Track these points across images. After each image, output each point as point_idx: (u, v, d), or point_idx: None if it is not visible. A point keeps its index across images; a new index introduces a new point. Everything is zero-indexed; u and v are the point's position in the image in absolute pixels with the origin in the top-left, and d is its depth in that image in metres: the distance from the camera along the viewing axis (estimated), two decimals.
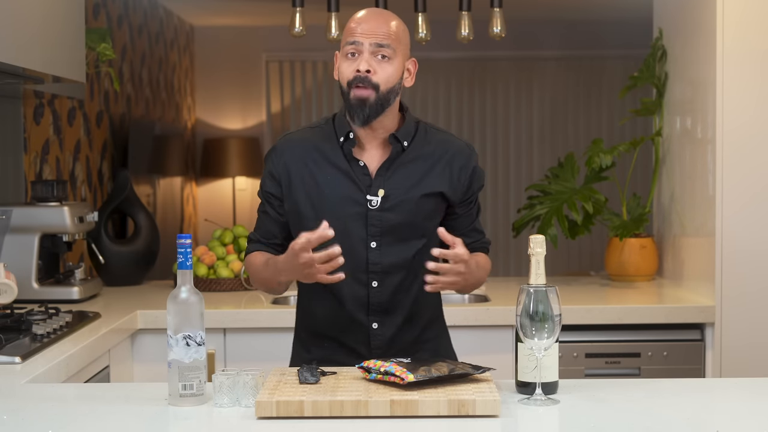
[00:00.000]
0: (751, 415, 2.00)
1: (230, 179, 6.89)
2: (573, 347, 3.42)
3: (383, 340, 2.42)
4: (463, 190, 2.46)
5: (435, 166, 2.43)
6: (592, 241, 6.34)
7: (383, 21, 2.37)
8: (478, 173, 2.49)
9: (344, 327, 2.43)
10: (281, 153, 2.45)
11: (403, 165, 2.41)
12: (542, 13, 6.54)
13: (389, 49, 2.34)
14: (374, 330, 2.42)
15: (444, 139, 2.47)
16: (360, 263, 2.38)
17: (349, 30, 2.38)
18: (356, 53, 2.35)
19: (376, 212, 2.38)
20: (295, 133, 2.50)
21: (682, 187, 3.82)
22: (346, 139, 2.40)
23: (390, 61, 2.35)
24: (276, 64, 7.06)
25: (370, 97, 2.33)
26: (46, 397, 2.17)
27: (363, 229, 2.38)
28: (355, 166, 2.40)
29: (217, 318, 3.36)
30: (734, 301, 3.42)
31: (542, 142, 7.17)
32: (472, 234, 2.51)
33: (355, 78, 2.33)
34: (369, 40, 2.34)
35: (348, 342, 2.42)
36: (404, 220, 2.39)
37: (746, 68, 3.41)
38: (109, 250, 3.93)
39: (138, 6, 5.36)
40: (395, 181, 2.39)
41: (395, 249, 2.38)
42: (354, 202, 2.38)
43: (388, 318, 2.42)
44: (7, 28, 2.69)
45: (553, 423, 1.98)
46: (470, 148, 2.50)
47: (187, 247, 2.03)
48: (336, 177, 2.40)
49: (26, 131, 3.67)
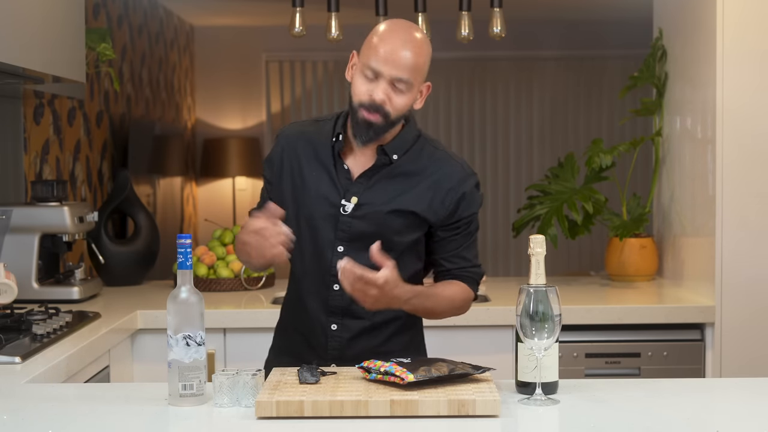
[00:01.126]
0: (751, 415, 2.00)
1: (230, 179, 6.89)
2: (573, 347, 3.42)
3: (341, 342, 2.43)
4: (446, 214, 2.41)
5: (419, 185, 2.40)
6: (592, 241, 6.33)
7: (408, 48, 2.30)
8: (469, 198, 2.42)
9: (306, 323, 2.46)
10: (282, 139, 2.49)
11: (387, 178, 2.40)
12: (542, 13, 6.54)
13: (407, 83, 2.32)
14: (332, 331, 2.44)
15: (440, 158, 2.43)
16: (325, 265, 2.40)
17: (372, 48, 2.32)
18: (374, 77, 2.32)
19: (346, 218, 2.39)
20: (301, 124, 2.53)
21: (682, 187, 3.82)
22: (337, 139, 2.40)
23: (406, 93, 2.33)
24: (276, 64, 7.06)
25: (377, 122, 2.32)
26: (46, 397, 2.17)
27: (332, 231, 2.39)
28: (340, 167, 2.40)
29: (217, 318, 3.36)
30: (734, 301, 3.42)
31: (542, 142, 7.17)
32: (454, 260, 2.45)
33: (369, 102, 2.31)
34: (390, 72, 2.30)
35: (309, 338, 2.46)
36: (372, 230, 2.37)
37: (746, 68, 3.41)
38: (109, 250, 3.93)
39: (138, 6, 5.36)
40: (373, 192, 2.39)
41: (361, 257, 2.33)
42: (329, 204, 2.40)
43: (346, 321, 2.43)
44: (7, 28, 2.69)
45: (553, 423, 1.98)
46: (467, 173, 2.44)
47: (187, 247, 2.04)
48: (319, 174, 2.41)
49: (26, 131, 3.67)
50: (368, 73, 2.32)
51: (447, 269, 2.46)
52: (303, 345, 2.47)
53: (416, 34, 2.34)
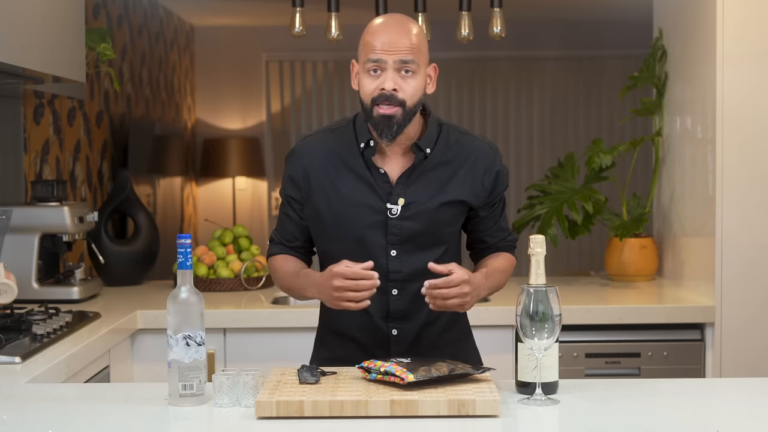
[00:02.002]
0: (751, 415, 2.00)
1: (230, 179, 6.89)
2: (573, 347, 3.42)
3: (403, 346, 2.41)
4: (487, 194, 2.43)
5: (457, 173, 2.39)
6: (592, 241, 6.33)
7: (403, 33, 2.30)
8: (502, 174, 2.45)
9: (365, 331, 2.42)
10: (301, 157, 2.42)
11: (425, 173, 2.38)
12: (542, 13, 6.54)
13: (413, 63, 2.29)
14: (394, 336, 2.41)
15: (467, 143, 2.43)
16: (380, 271, 2.32)
17: (367, 45, 2.31)
18: (379, 69, 2.29)
19: (396, 221, 2.36)
20: (315, 136, 2.47)
21: (682, 187, 3.82)
22: (366, 146, 2.37)
23: (414, 75, 2.31)
24: (276, 64, 7.06)
25: (396, 114, 2.29)
26: (46, 397, 2.17)
27: (382, 237, 2.36)
28: (376, 173, 2.37)
29: (217, 318, 3.36)
30: (734, 301, 3.43)
31: (542, 142, 7.17)
32: (497, 233, 2.48)
33: (381, 96, 2.29)
34: (392, 57, 2.28)
35: (368, 345, 2.41)
36: (424, 228, 2.37)
37: (746, 68, 3.41)
38: (109, 250, 3.93)
39: (138, 6, 5.36)
40: (416, 190, 2.37)
41: (415, 257, 2.35)
42: (373, 210, 2.36)
43: (407, 324, 2.41)
44: (7, 28, 2.69)
45: (553, 423, 1.98)
46: (493, 150, 2.45)
47: (187, 247, 2.04)
48: (356, 184, 2.37)
49: (26, 131, 3.67)
50: (372, 68, 2.30)
51: (489, 245, 2.46)
52: (359, 352, 2.40)
53: (408, 20, 2.35)
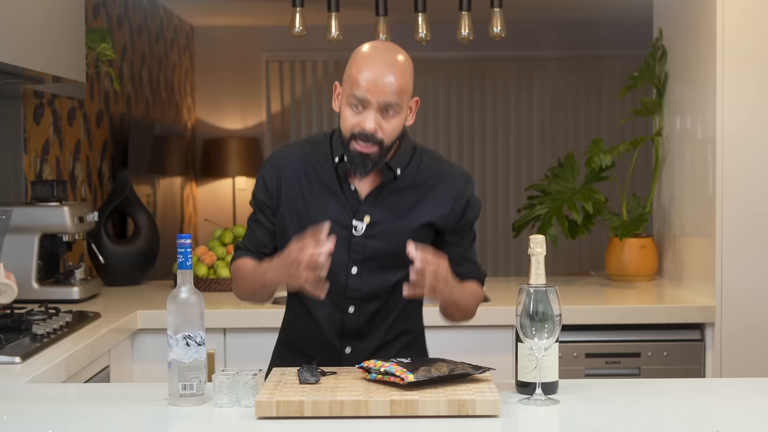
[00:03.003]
0: (751, 415, 2.00)
1: (230, 179, 6.89)
2: (573, 347, 3.42)
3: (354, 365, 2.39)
4: (456, 220, 2.42)
5: (426, 196, 2.39)
6: (592, 241, 6.34)
7: (390, 70, 2.26)
8: (473, 203, 2.44)
9: (318, 347, 2.42)
10: (276, 165, 2.42)
11: (393, 193, 2.38)
12: (542, 13, 6.54)
13: (397, 106, 2.28)
14: (347, 354, 2.41)
15: (439, 168, 2.43)
16: (338, 287, 2.34)
17: (353, 79, 2.27)
18: (361, 107, 2.27)
19: (359, 239, 2.36)
20: (293, 146, 2.47)
21: (682, 187, 3.82)
22: (341, 161, 2.36)
23: (396, 115, 2.29)
24: (276, 64, 7.06)
25: (373, 153, 2.29)
26: (46, 397, 2.17)
27: (345, 253, 2.36)
28: (347, 189, 2.37)
29: (217, 318, 3.36)
30: (734, 301, 3.42)
31: (542, 142, 7.17)
32: (464, 263, 2.45)
33: (360, 134, 2.27)
34: (376, 99, 2.25)
35: (321, 361, 2.37)
36: (387, 248, 2.36)
37: (746, 68, 3.41)
38: (109, 250, 3.93)
39: (138, 6, 5.36)
40: (383, 209, 2.37)
41: (375, 276, 2.34)
42: (339, 226, 2.35)
43: (361, 343, 2.41)
44: (7, 28, 2.69)
45: (553, 423, 1.98)
46: (466, 177, 2.45)
47: (187, 247, 2.04)
48: (325, 198, 2.37)
49: (26, 131, 3.67)
50: (355, 103, 2.27)
51: (457, 273, 2.43)
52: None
53: (396, 56, 2.30)
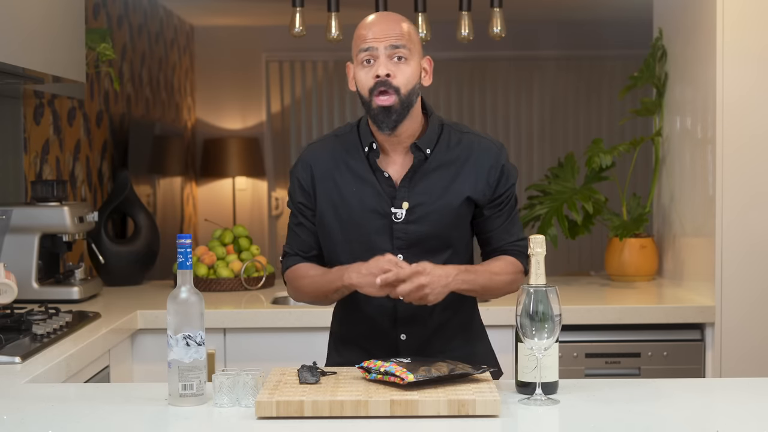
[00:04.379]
0: (751, 415, 2.00)
1: (230, 179, 6.89)
2: (573, 347, 3.42)
3: (412, 351, 2.39)
4: (492, 190, 2.40)
5: (460, 172, 2.38)
6: (592, 241, 6.33)
7: (394, 23, 2.33)
8: (507, 171, 2.42)
9: (373, 337, 2.42)
10: (307, 163, 2.43)
11: (427, 174, 2.37)
12: (542, 13, 6.54)
13: (405, 49, 2.31)
14: (402, 341, 2.40)
15: (469, 141, 2.41)
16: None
17: (360, 37, 2.33)
18: (372, 59, 2.31)
19: (401, 225, 2.36)
20: (320, 142, 2.48)
21: (682, 187, 3.82)
22: (370, 149, 2.37)
23: (407, 62, 2.31)
24: (276, 64, 7.06)
25: (394, 104, 2.30)
26: (46, 397, 2.17)
27: (388, 241, 2.35)
28: (380, 177, 2.37)
29: (217, 318, 3.36)
30: (734, 301, 3.43)
31: (542, 142, 7.17)
32: (502, 236, 2.43)
33: (376, 84, 2.29)
34: (383, 44, 2.30)
35: (377, 352, 2.38)
36: (430, 231, 2.35)
37: (746, 68, 3.41)
38: (109, 250, 3.93)
39: (138, 6, 5.36)
40: (420, 192, 2.36)
41: (422, 260, 2.32)
42: (379, 215, 2.35)
43: (415, 329, 2.40)
44: (7, 28, 2.69)
45: (553, 423, 1.98)
46: (497, 146, 2.43)
47: (187, 247, 2.04)
48: (361, 189, 2.37)
49: (26, 131, 3.67)
50: (364, 57, 2.31)
51: (494, 247, 2.43)
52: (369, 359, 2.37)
53: (396, 14, 2.38)
